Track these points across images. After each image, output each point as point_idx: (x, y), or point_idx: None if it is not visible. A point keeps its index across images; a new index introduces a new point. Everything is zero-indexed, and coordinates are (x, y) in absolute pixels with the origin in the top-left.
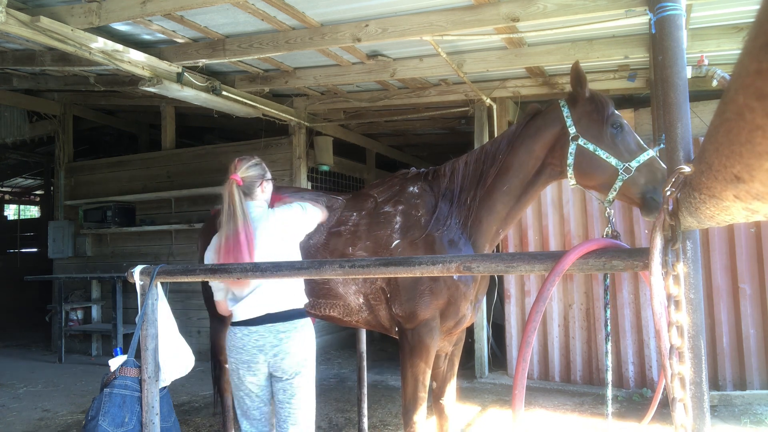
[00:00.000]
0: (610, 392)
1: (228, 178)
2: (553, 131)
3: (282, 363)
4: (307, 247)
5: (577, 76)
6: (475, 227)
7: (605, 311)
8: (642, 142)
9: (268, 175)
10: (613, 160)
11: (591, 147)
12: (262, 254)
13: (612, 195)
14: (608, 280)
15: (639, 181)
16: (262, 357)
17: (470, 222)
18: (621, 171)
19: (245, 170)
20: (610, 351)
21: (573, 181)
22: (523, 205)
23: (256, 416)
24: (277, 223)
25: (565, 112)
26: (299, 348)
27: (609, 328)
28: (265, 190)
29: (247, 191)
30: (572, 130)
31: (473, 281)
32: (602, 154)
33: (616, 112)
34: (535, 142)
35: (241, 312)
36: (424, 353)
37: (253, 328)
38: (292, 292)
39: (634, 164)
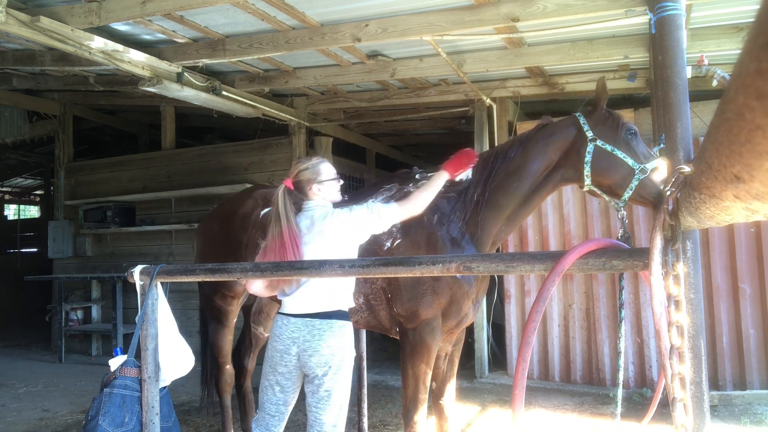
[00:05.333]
0: (620, 395)
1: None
2: (569, 136)
3: (310, 359)
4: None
5: (603, 88)
6: (480, 225)
7: (620, 313)
8: (652, 152)
9: (323, 177)
10: (629, 161)
11: (609, 147)
12: (313, 253)
13: (627, 194)
14: (623, 281)
15: (654, 181)
16: (294, 348)
17: (476, 219)
18: (637, 171)
19: (296, 174)
20: (622, 352)
21: (588, 181)
22: (528, 207)
23: (271, 411)
24: (334, 224)
25: (582, 120)
26: (329, 348)
27: (623, 330)
28: (320, 192)
29: (300, 193)
30: (590, 134)
31: (476, 280)
32: (620, 154)
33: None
34: (548, 145)
35: (287, 305)
36: (425, 353)
37: (292, 320)
38: (338, 293)
39: (649, 166)
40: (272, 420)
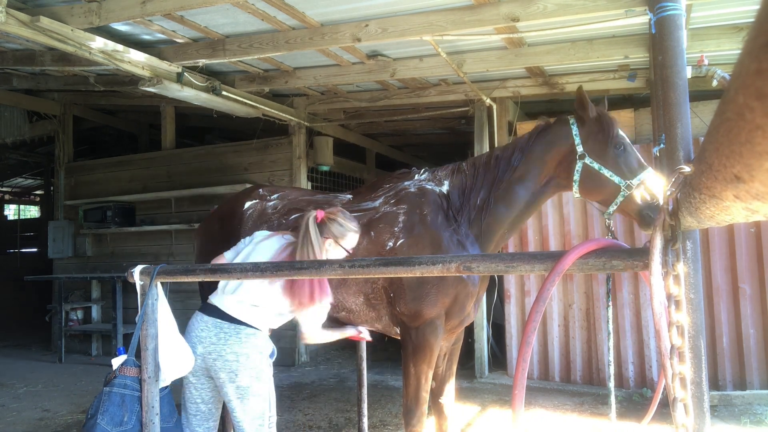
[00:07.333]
0: (612, 391)
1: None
2: (563, 148)
3: (214, 363)
4: None
5: (581, 100)
6: (483, 229)
7: (607, 311)
8: (642, 160)
9: (344, 243)
10: (616, 178)
11: (596, 166)
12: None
13: (612, 209)
14: (609, 284)
15: (636, 198)
16: (200, 348)
17: (479, 223)
18: (623, 188)
19: (335, 221)
20: (612, 362)
21: (577, 195)
22: (529, 212)
23: (191, 410)
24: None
25: (574, 130)
26: (233, 354)
27: (611, 331)
28: (325, 248)
29: (317, 230)
30: (579, 149)
31: (480, 280)
32: (606, 172)
33: (621, 132)
34: (545, 155)
35: (207, 306)
36: (427, 353)
37: (205, 318)
38: (257, 311)
39: (635, 181)
40: (194, 419)
